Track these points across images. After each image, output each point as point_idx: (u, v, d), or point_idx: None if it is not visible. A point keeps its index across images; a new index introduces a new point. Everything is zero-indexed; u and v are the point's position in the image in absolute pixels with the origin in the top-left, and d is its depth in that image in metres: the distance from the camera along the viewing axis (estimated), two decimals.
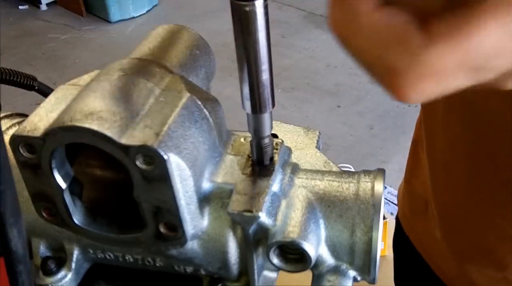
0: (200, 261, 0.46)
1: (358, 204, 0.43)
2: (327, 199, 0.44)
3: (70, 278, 0.49)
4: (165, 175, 0.39)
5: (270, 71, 0.39)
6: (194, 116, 0.43)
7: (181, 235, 0.42)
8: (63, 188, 0.42)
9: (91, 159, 0.47)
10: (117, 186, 0.45)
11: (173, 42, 0.52)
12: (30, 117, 0.42)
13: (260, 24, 0.35)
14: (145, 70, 0.45)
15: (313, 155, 0.50)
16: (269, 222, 0.42)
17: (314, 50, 3.82)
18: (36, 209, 0.44)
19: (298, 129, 0.53)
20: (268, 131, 0.43)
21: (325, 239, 0.44)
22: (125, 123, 0.39)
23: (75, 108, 0.40)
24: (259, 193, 0.42)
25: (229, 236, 0.44)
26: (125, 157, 0.38)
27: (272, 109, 0.41)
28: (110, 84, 0.42)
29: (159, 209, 0.41)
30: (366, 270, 0.45)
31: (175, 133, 0.40)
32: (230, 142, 0.48)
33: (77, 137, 0.39)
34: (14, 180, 0.30)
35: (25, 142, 0.40)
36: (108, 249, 0.48)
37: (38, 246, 0.50)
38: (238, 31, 0.36)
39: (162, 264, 0.48)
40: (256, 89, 0.39)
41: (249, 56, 0.37)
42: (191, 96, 0.43)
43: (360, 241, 0.43)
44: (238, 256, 0.45)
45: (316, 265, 0.45)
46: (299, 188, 0.45)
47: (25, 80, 0.66)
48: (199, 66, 0.53)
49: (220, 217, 0.44)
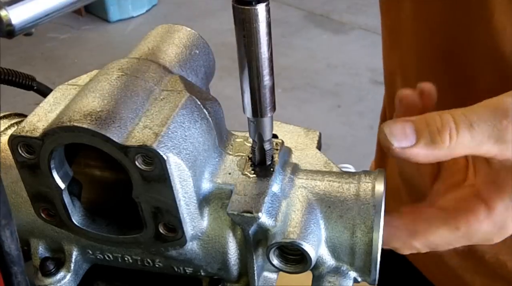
0: (199, 262, 0.46)
1: (358, 205, 0.43)
2: (327, 200, 0.44)
3: (69, 279, 0.49)
4: (164, 175, 0.39)
5: (271, 76, 0.39)
6: (194, 116, 0.42)
7: (180, 235, 0.42)
8: (62, 188, 0.42)
9: (90, 159, 0.47)
10: (117, 187, 0.45)
11: (172, 42, 0.52)
12: (28, 117, 0.42)
13: (262, 28, 0.35)
14: (145, 70, 0.44)
15: (313, 155, 0.49)
16: (269, 222, 0.41)
17: (314, 50, 3.82)
18: (35, 209, 0.44)
19: (298, 130, 0.53)
20: (269, 135, 0.43)
21: (325, 239, 0.44)
22: (124, 123, 0.39)
23: (74, 109, 0.40)
24: (259, 193, 0.42)
25: (229, 237, 0.44)
26: (124, 157, 0.38)
27: (273, 113, 0.41)
28: (109, 84, 0.42)
29: (159, 210, 0.41)
30: (366, 271, 0.45)
31: (174, 134, 0.40)
32: (230, 142, 0.48)
33: (76, 138, 0.38)
34: (3, 182, 0.30)
35: (24, 142, 0.40)
36: (107, 249, 0.48)
37: (37, 246, 0.50)
38: (239, 35, 0.36)
39: (162, 265, 0.48)
40: (257, 93, 0.39)
41: (250, 60, 0.37)
42: (191, 96, 0.43)
43: (361, 241, 0.43)
44: (238, 257, 0.45)
45: (316, 266, 0.45)
46: (299, 188, 0.44)
47: (24, 80, 0.65)
48: (199, 66, 0.53)
49: (219, 218, 0.44)
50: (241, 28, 0.35)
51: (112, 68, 0.44)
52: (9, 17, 0.26)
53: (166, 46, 0.51)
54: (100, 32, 4.24)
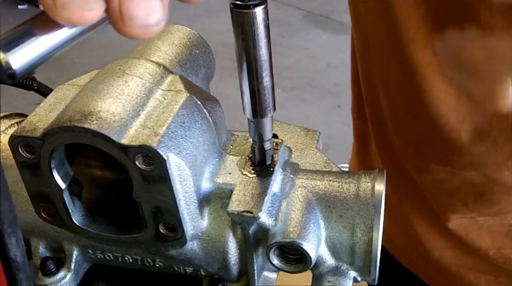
0: (199, 261, 0.46)
1: (358, 204, 0.43)
2: (327, 199, 0.44)
3: (70, 279, 0.49)
4: (164, 175, 0.39)
5: (271, 77, 0.39)
6: (194, 116, 0.43)
7: (180, 235, 0.42)
8: (62, 188, 0.42)
9: (90, 159, 0.47)
10: (117, 186, 0.45)
11: (172, 42, 0.52)
12: (29, 117, 0.42)
13: (261, 31, 0.35)
14: (145, 70, 0.45)
15: (313, 155, 0.49)
16: (269, 222, 0.42)
17: (314, 50, 3.82)
18: (35, 209, 0.44)
19: (298, 130, 0.53)
20: (269, 135, 0.43)
21: (325, 239, 0.44)
22: (124, 123, 0.39)
23: (74, 109, 0.40)
24: (259, 193, 0.42)
25: (229, 237, 0.44)
26: (124, 157, 0.38)
27: (272, 113, 0.41)
28: (110, 84, 0.42)
29: (159, 209, 0.41)
30: (366, 270, 0.45)
31: (174, 134, 0.40)
32: (230, 142, 0.48)
33: (76, 138, 0.38)
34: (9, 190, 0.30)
35: (24, 142, 0.40)
36: (107, 249, 0.48)
37: (37, 246, 0.50)
38: (238, 37, 0.36)
39: (162, 264, 0.48)
40: (256, 94, 0.39)
41: (249, 61, 0.37)
42: (191, 96, 0.43)
43: (361, 241, 0.43)
44: (238, 256, 0.45)
45: (316, 266, 0.45)
46: (299, 188, 0.45)
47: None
48: (199, 66, 0.53)
49: (220, 218, 0.44)
50: (239, 31, 0.35)
51: (112, 68, 0.44)
52: (7, 60, 0.26)
53: (166, 46, 0.51)
54: (101, 32, 4.21)
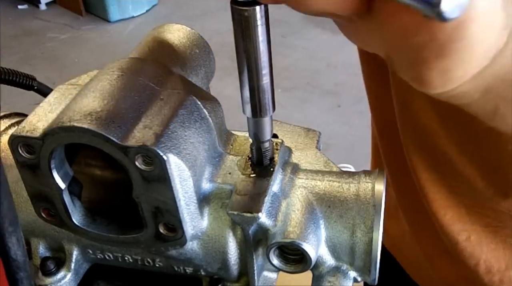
0: (199, 261, 0.46)
1: (358, 205, 0.43)
2: (327, 200, 0.44)
3: (70, 279, 0.49)
4: (164, 175, 0.39)
5: (271, 76, 0.39)
6: (194, 116, 0.43)
7: (180, 235, 0.42)
8: (62, 188, 0.42)
9: (90, 159, 0.47)
10: (117, 186, 0.45)
11: (172, 42, 0.52)
12: (29, 117, 0.42)
13: (260, 29, 0.35)
14: (145, 70, 0.44)
15: (313, 155, 0.49)
16: (269, 222, 0.42)
17: (314, 50, 3.81)
18: (35, 209, 0.44)
19: (298, 130, 0.53)
20: (269, 135, 0.43)
21: (325, 239, 0.44)
22: (124, 123, 0.39)
23: (74, 109, 0.40)
24: (259, 193, 0.42)
25: (229, 237, 0.44)
26: (124, 158, 0.38)
27: (272, 113, 0.41)
28: (110, 84, 0.42)
29: (159, 210, 0.41)
30: (366, 270, 0.45)
31: (174, 134, 0.40)
32: (230, 142, 0.48)
33: (76, 138, 0.38)
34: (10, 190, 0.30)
35: (24, 142, 0.40)
36: (107, 249, 0.48)
37: (37, 246, 0.50)
38: (238, 36, 0.36)
39: (162, 264, 0.48)
40: (256, 94, 0.39)
41: (249, 60, 0.37)
42: (191, 96, 0.43)
43: (361, 241, 0.43)
44: (238, 256, 0.45)
45: (316, 266, 0.45)
46: (299, 188, 0.45)
47: (24, 80, 0.65)
48: (199, 65, 0.53)
49: (220, 218, 0.44)
50: (239, 29, 0.35)
51: (112, 68, 0.44)
52: None
53: (166, 46, 0.51)
54: (100, 32, 4.23)
